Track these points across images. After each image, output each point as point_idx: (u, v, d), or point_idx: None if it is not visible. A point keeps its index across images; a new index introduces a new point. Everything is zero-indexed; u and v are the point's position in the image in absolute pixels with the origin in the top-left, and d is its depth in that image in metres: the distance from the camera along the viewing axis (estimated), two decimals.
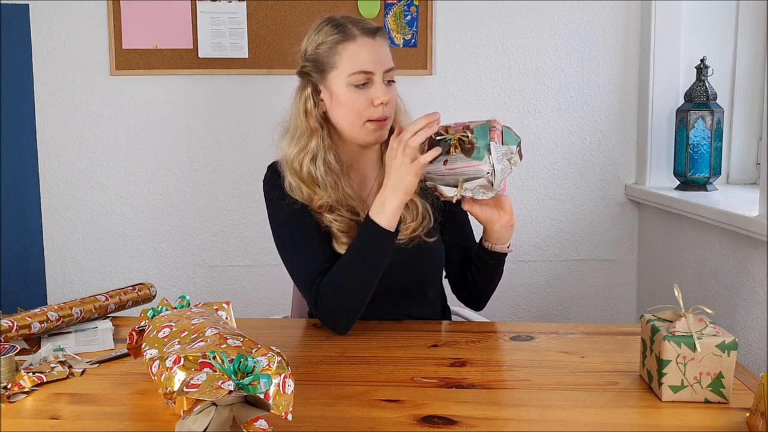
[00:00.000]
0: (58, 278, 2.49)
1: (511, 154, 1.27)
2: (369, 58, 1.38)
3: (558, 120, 2.43)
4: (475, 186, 1.28)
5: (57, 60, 2.40)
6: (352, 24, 1.41)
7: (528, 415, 1.04)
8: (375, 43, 1.40)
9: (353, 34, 1.39)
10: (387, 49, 1.43)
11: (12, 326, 1.28)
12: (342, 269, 1.37)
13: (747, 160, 2.27)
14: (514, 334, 1.40)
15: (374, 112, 1.39)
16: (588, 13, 2.38)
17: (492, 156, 1.25)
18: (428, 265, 1.50)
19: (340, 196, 1.44)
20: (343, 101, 1.40)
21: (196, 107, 2.42)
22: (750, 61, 2.24)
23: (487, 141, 1.25)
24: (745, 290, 1.80)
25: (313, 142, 1.43)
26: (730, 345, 1.05)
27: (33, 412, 1.07)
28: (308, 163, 1.43)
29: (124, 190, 2.46)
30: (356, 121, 1.40)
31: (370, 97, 1.39)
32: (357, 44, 1.39)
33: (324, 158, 1.44)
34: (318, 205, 1.42)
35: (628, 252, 2.48)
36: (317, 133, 1.44)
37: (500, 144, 1.26)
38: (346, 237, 1.41)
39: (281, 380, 0.93)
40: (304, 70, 1.45)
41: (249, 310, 2.46)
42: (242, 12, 2.36)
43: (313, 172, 1.43)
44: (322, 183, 1.42)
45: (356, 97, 1.39)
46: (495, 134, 1.27)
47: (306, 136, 1.44)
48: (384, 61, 1.40)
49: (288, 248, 1.45)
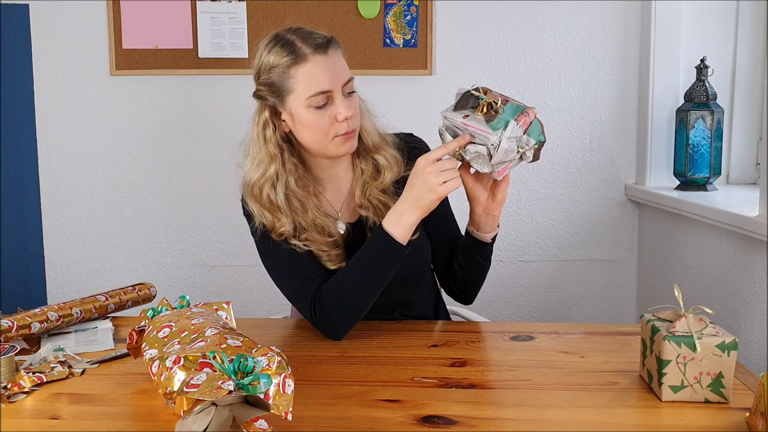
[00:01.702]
0: (58, 278, 2.49)
1: (525, 145, 1.26)
2: (324, 76, 1.33)
3: (558, 120, 2.43)
4: (475, 151, 1.27)
5: (57, 60, 2.40)
6: (302, 41, 1.35)
7: (528, 415, 1.04)
8: (328, 59, 1.35)
9: (304, 54, 1.33)
10: (341, 60, 1.38)
11: (12, 326, 1.28)
12: (348, 275, 1.36)
13: (747, 160, 2.27)
14: (514, 334, 1.40)
15: (340, 128, 1.36)
16: (588, 13, 2.38)
17: (505, 133, 1.23)
18: (414, 261, 1.47)
19: (308, 219, 1.41)
20: (306, 124, 1.36)
21: (196, 107, 2.42)
22: (750, 61, 2.24)
23: (510, 119, 1.24)
24: (745, 290, 1.80)
25: (272, 168, 1.40)
26: (730, 345, 1.05)
27: (33, 412, 1.07)
28: (268, 189, 1.40)
29: (124, 190, 2.46)
30: (323, 139, 1.37)
31: (333, 114, 1.35)
32: (310, 64, 1.33)
33: (285, 183, 1.40)
34: (279, 233, 1.39)
35: (628, 252, 2.48)
36: (276, 159, 1.40)
37: (522, 130, 1.25)
38: (327, 255, 1.40)
39: (281, 380, 0.93)
40: (260, 94, 1.40)
41: (249, 310, 2.46)
42: (242, 12, 2.36)
43: (273, 198, 1.40)
44: (284, 209, 1.40)
45: (318, 117, 1.35)
46: (523, 119, 1.25)
47: (265, 162, 1.40)
48: (341, 74, 1.36)
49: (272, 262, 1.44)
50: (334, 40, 1.39)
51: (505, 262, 2.49)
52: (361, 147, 1.47)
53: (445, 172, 1.28)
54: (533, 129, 1.27)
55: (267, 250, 1.43)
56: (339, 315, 1.35)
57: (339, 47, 1.39)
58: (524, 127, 1.25)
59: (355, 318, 1.37)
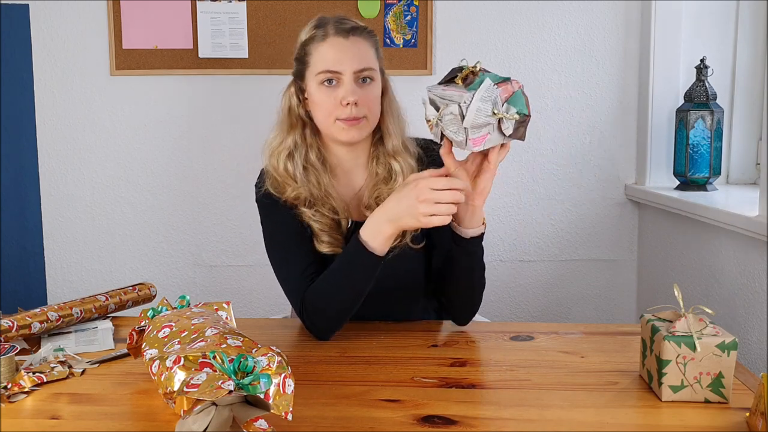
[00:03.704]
0: (58, 278, 2.49)
1: (505, 112, 1.16)
2: (335, 57, 1.38)
3: (558, 120, 2.43)
4: (449, 113, 1.17)
5: (57, 60, 2.40)
6: (333, 24, 1.41)
7: (528, 415, 1.04)
8: (347, 42, 1.39)
9: (326, 33, 1.40)
10: (364, 49, 1.41)
11: (12, 326, 1.28)
12: (326, 282, 1.36)
13: (747, 160, 2.27)
14: (514, 334, 1.40)
15: (342, 112, 1.38)
16: (588, 13, 2.38)
17: (478, 93, 1.15)
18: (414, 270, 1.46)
19: (322, 193, 1.43)
20: (315, 100, 1.41)
21: (196, 107, 2.42)
22: (750, 61, 2.24)
23: (486, 80, 1.15)
24: (745, 290, 1.80)
25: (291, 137, 1.44)
26: (730, 345, 1.05)
27: (33, 412, 1.07)
28: (284, 158, 1.43)
29: (124, 190, 2.46)
30: (327, 119, 1.40)
31: (339, 97, 1.38)
32: (326, 44, 1.39)
33: (304, 155, 1.44)
34: (293, 197, 1.42)
35: (628, 252, 2.48)
36: (296, 128, 1.45)
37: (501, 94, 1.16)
38: (327, 236, 1.40)
39: (281, 380, 0.93)
40: (293, 69, 1.48)
41: (249, 310, 2.47)
42: (242, 12, 2.36)
43: (290, 168, 1.43)
44: (300, 179, 1.42)
45: (325, 97, 1.39)
46: (505, 86, 1.18)
47: (285, 131, 1.46)
48: (355, 60, 1.38)
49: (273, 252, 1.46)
50: (362, 29, 1.42)
51: (505, 262, 2.49)
52: (381, 149, 1.47)
53: (438, 206, 1.22)
54: (516, 99, 1.18)
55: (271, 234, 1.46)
56: (321, 317, 1.36)
57: (369, 38, 1.43)
58: (505, 94, 1.17)
59: (338, 321, 1.37)
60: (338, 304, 1.36)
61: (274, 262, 1.46)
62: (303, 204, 1.42)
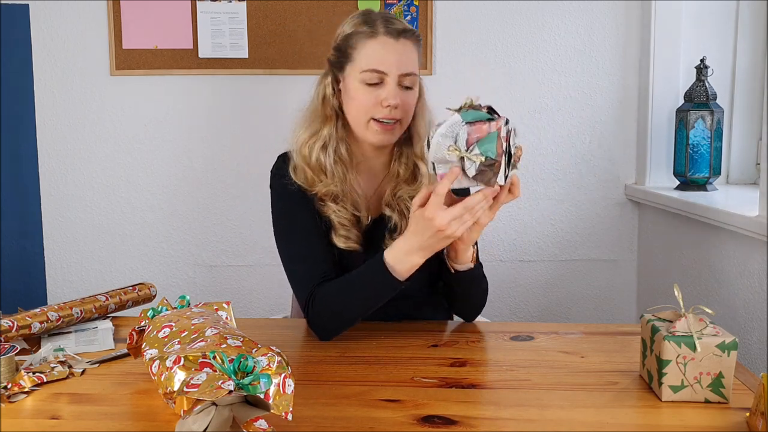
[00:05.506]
0: (58, 278, 2.49)
1: (462, 148, 1.12)
2: (384, 58, 1.36)
3: (558, 120, 2.43)
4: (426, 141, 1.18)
5: (57, 60, 2.40)
6: (382, 22, 1.38)
7: (528, 415, 1.04)
8: (397, 44, 1.37)
9: (376, 31, 1.37)
10: (411, 53, 1.39)
11: (12, 326, 1.28)
12: (342, 290, 1.35)
13: (747, 160, 2.27)
14: (514, 334, 1.40)
15: (380, 112, 1.37)
16: (588, 13, 2.39)
17: (441, 128, 1.14)
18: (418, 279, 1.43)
19: (347, 188, 1.43)
20: (353, 96, 1.39)
21: (196, 107, 2.42)
22: (750, 61, 2.24)
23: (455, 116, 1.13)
24: (745, 290, 1.80)
25: (326, 129, 1.43)
26: (730, 345, 1.05)
27: (33, 412, 1.07)
28: (318, 149, 1.42)
29: (124, 190, 2.46)
30: (362, 117, 1.39)
31: (380, 98, 1.36)
32: (376, 42, 1.37)
33: (335, 148, 1.43)
34: (324, 192, 1.41)
35: (628, 252, 2.48)
36: (331, 120, 1.44)
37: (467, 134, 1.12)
38: (345, 231, 1.41)
39: (281, 380, 0.93)
40: (330, 58, 1.45)
41: (249, 310, 2.46)
42: (242, 12, 2.36)
43: (322, 159, 1.42)
44: (329, 172, 1.41)
45: (365, 95, 1.37)
46: (479, 126, 1.13)
47: (320, 121, 1.44)
48: (401, 64, 1.37)
49: (285, 242, 1.44)
50: (411, 33, 1.40)
51: (505, 262, 2.49)
52: (407, 150, 1.47)
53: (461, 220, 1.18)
54: (487, 140, 1.12)
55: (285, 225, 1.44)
56: (328, 319, 1.36)
57: (416, 43, 1.41)
58: (477, 134, 1.13)
59: (343, 327, 1.37)
60: (348, 313, 1.36)
61: (284, 252, 1.45)
62: (330, 199, 1.41)
